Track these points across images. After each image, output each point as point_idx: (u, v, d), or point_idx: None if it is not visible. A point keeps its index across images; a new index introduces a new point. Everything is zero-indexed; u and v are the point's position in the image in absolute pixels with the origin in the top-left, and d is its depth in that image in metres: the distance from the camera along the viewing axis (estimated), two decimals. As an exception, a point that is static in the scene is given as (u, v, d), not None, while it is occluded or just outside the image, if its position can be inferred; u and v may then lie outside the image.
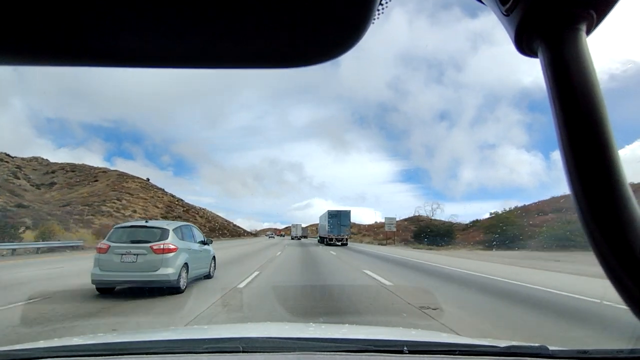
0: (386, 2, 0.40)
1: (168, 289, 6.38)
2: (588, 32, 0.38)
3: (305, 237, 71.86)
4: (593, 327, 4.95)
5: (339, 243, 33.30)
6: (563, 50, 0.37)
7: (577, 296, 7.02)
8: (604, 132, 0.35)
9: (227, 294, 6.56)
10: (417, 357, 1.35)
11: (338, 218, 35.29)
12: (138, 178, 59.50)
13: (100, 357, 1.36)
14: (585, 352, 1.34)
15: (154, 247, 6.38)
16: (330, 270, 11.80)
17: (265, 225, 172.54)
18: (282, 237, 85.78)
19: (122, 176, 56.69)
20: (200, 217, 62.87)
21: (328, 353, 1.38)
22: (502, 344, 1.46)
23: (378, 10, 0.38)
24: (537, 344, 1.40)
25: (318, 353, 1.38)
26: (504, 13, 0.40)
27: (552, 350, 1.35)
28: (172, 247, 6.58)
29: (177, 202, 59.63)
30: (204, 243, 8.56)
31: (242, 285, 7.92)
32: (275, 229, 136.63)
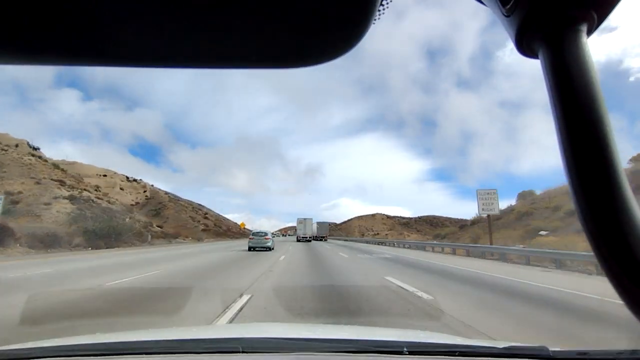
0: (387, 2, 0.40)
1: (269, 249, 23.05)
2: (589, 33, 0.38)
3: (323, 238, 53.89)
4: None
5: None
6: (564, 51, 0.37)
7: None
8: (604, 133, 0.35)
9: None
10: (417, 358, 1.34)
11: None
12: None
13: (99, 357, 1.35)
14: (585, 353, 1.33)
15: (265, 237, 23.46)
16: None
17: (289, 225, 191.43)
18: (284, 237, 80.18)
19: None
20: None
21: (327, 353, 1.37)
22: (502, 344, 1.44)
23: (379, 10, 0.38)
24: (537, 345, 1.39)
25: (317, 353, 1.37)
26: (505, 14, 0.40)
27: (552, 351, 1.34)
28: (269, 237, 23.57)
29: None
30: (272, 237, 25.25)
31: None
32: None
